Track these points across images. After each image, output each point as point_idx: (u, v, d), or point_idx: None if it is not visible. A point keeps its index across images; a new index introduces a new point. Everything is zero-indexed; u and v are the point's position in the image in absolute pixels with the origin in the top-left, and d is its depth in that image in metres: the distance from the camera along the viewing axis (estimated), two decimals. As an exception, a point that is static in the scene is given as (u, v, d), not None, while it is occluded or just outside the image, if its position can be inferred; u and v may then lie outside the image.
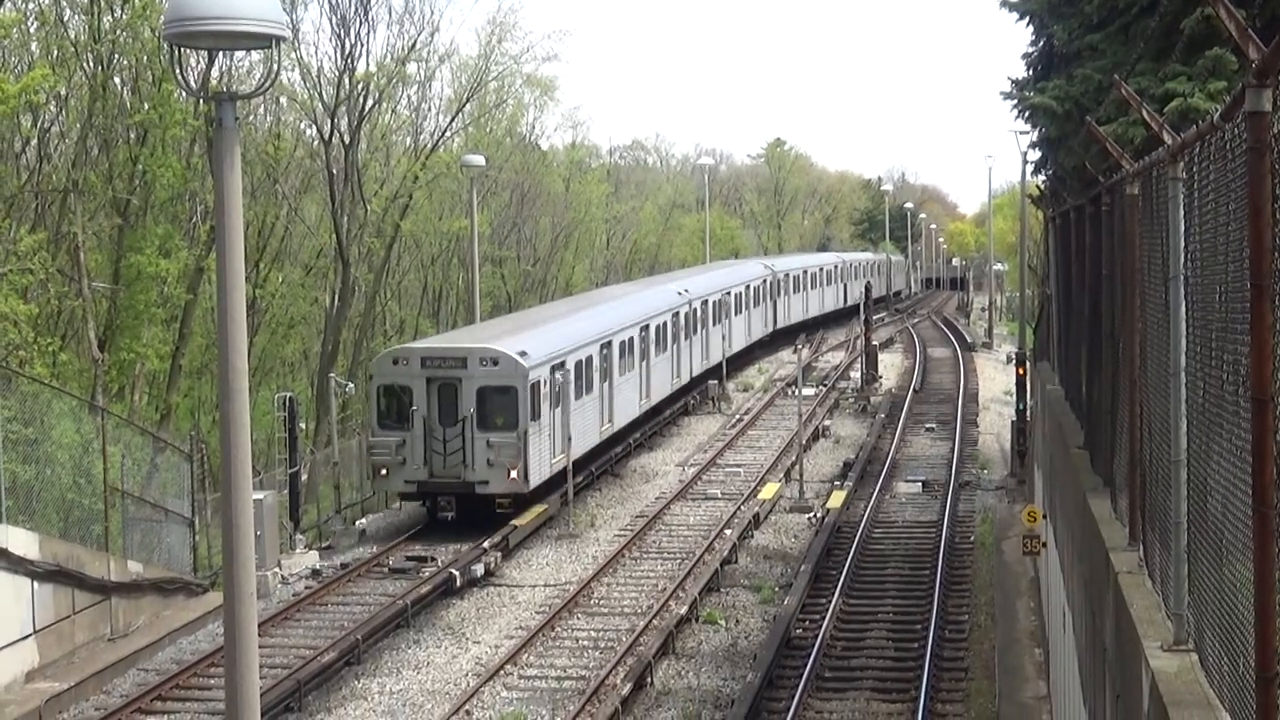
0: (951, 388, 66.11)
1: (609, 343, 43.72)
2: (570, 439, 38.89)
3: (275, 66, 11.20)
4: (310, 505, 38.80)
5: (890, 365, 74.36)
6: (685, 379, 55.17)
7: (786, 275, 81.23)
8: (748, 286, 69.98)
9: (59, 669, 25.99)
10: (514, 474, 35.69)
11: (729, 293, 64.69)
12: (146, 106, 45.05)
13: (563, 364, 38.75)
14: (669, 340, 52.09)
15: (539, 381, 36.63)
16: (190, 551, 32.66)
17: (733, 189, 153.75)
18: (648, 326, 48.79)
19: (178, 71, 11.29)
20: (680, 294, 55.71)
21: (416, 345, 40.11)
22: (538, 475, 36.80)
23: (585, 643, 28.71)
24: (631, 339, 46.57)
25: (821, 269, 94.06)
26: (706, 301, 59.05)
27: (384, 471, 36.42)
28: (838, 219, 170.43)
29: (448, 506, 36.30)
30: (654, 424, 51.53)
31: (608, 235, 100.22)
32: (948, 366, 75.40)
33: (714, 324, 60.36)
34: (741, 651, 28.06)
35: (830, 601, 30.50)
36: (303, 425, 40.22)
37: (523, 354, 36.37)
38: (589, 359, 41.50)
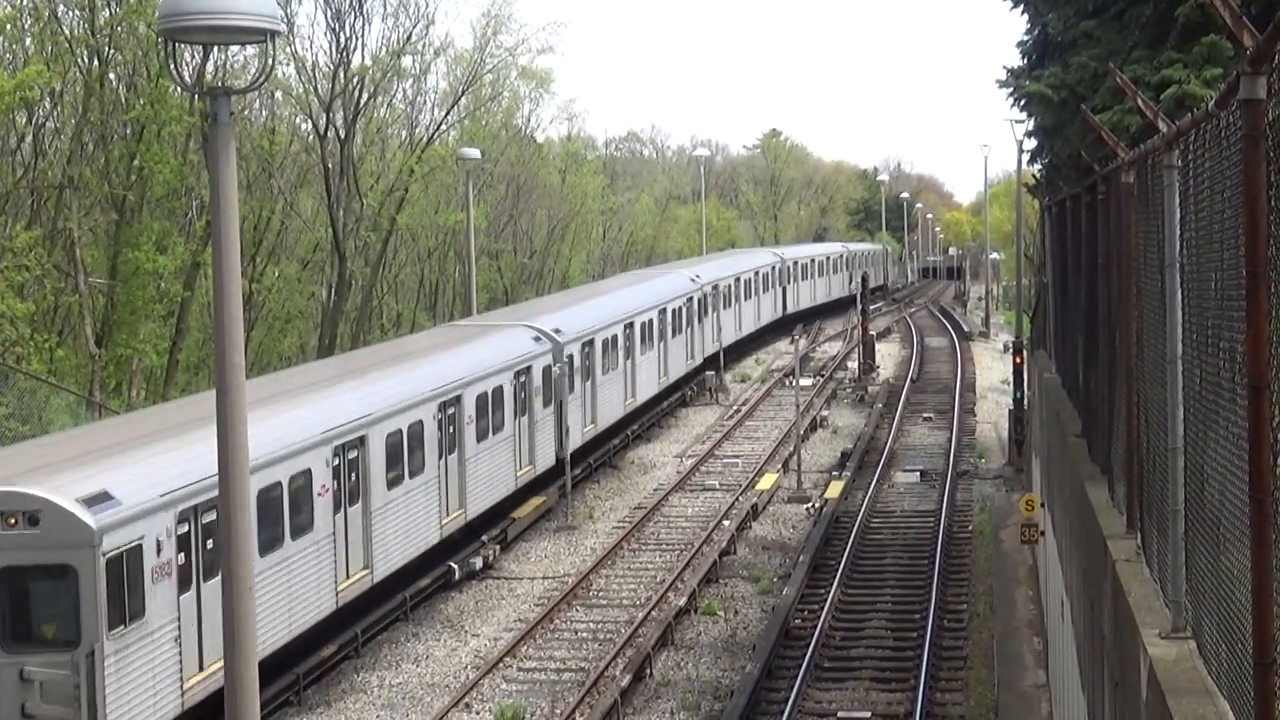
0: (949, 377, 66.13)
1: (360, 440, 27.08)
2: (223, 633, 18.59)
3: (270, 61, 11.19)
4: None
5: (887, 355, 74.36)
6: (545, 462, 38.19)
7: (715, 287, 62.53)
8: (663, 310, 52.26)
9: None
10: None
11: (630, 324, 47.48)
12: (142, 102, 45.02)
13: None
14: (506, 414, 35.20)
15: (139, 546, 20.09)
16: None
17: (729, 180, 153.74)
18: (457, 400, 31.92)
19: (173, 67, 11.31)
20: (540, 339, 38.64)
21: None
22: None
23: (584, 635, 28.73)
24: (418, 425, 29.78)
25: (757, 273, 74.05)
26: (592, 342, 42.71)
27: None
28: (834, 209, 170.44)
29: None
30: (649, 416, 51.41)
31: (604, 227, 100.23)
32: (945, 356, 75.42)
33: (604, 372, 43.80)
34: (740, 642, 28.09)
35: (829, 591, 30.53)
36: None
37: (98, 500, 19.64)
38: (304, 476, 24.78)
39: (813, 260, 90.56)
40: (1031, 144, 35.19)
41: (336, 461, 26.07)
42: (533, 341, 38.00)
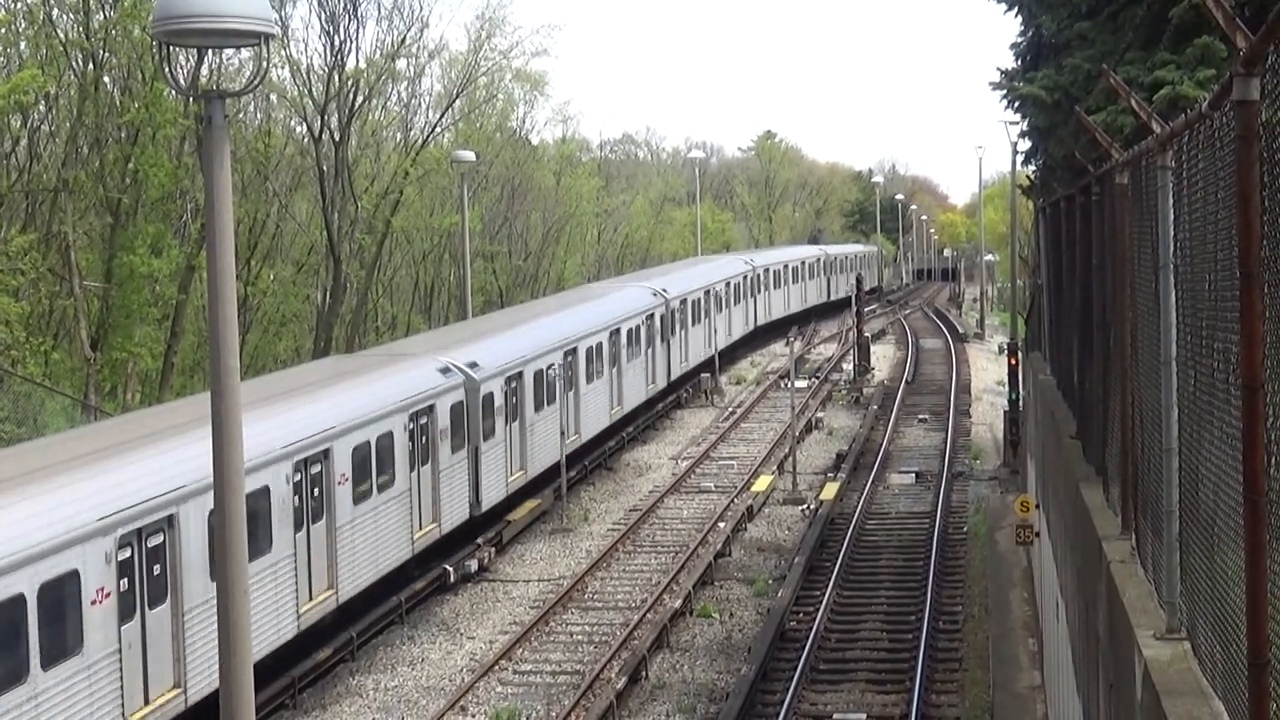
0: (944, 379, 66.15)
1: (168, 521, 21.19)
2: None
3: (264, 64, 11.18)
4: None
5: (882, 357, 74.39)
6: (455, 519, 32.38)
7: (683, 301, 56.53)
8: (616, 331, 46.24)
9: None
10: None
11: (572, 350, 41.32)
12: (137, 105, 45.00)
13: None
14: (398, 467, 29.22)
15: None
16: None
17: (723, 182, 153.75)
18: (324, 456, 26.07)
19: (167, 70, 11.29)
20: (449, 372, 32.50)
21: None
22: None
23: (579, 637, 28.73)
24: (262, 493, 23.60)
25: (728, 283, 66.98)
26: (519, 375, 36.47)
27: None
28: (829, 211, 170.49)
29: None
30: (646, 418, 51.36)
31: (599, 229, 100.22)
32: (940, 357, 75.45)
33: (536, 409, 37.56)
34: (736, 644, 28.09)
35: (824, 593, 30.53)
36: None
37: None
38: (65, 581, 19.10)
39: (786, 266, 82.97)
40: (1026, 145, 35.12)
41: (126, 554, 20.20)
42: (439, 375, 31.96)
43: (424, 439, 30.70)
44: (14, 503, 18.92)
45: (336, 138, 58.11)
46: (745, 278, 71.33)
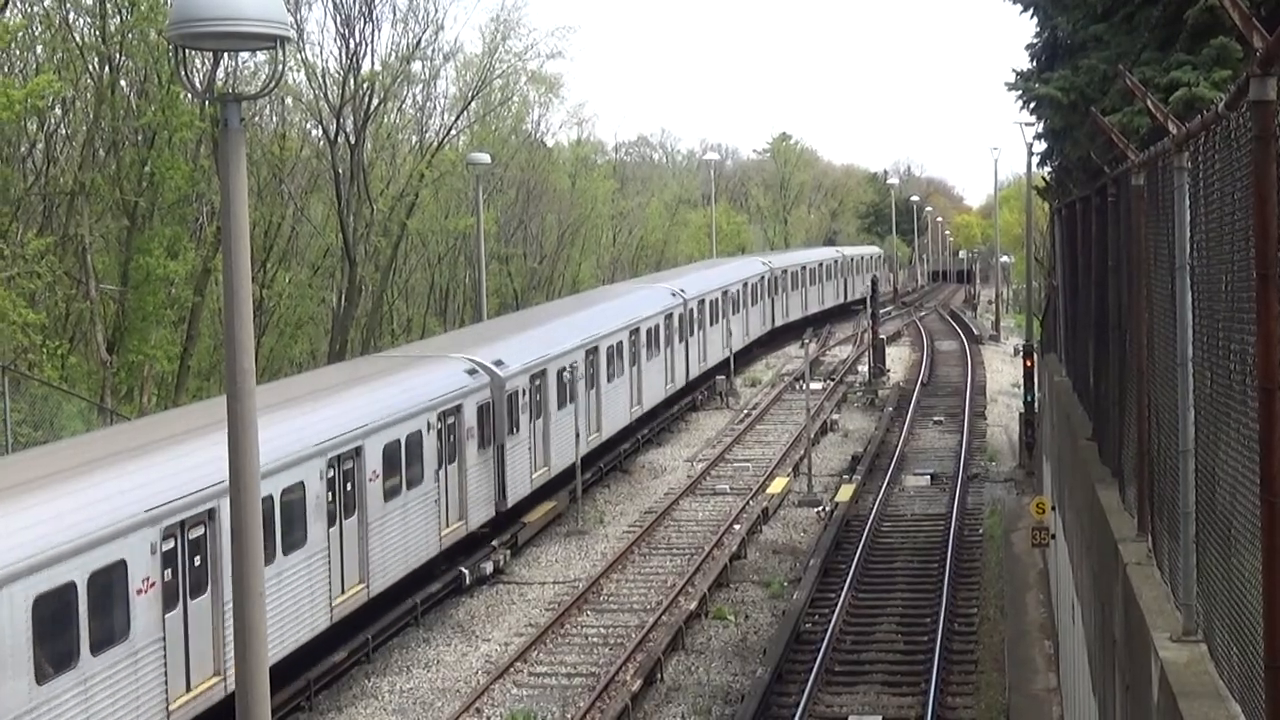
0: (959, 380, 66.05)
1: None
2: None
3: (280, 67, 11.20)
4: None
5: (897, 359, 74.32)
6: None
7: (539, 376, 36.27)
8: (333, 459, 25.52)
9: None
10: None
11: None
12: (153, 109, 45.08)
13: None
14: None
15: None
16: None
17: (739, 184, 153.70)
18: None
19: (183, 73, 11.31)
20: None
21: None
22: None
23: (595, 639, 28.73)
24: None
25: (637, 330, 46.64)
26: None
27: None
28: (844, 213, 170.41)
29: None
30: (660, 420, 51.32)
31: (614, 232, 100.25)
32: (955, 359, 75.35)
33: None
34: (751, 646, 28.08)
35: (839, 595, 30.50)
36: None
37: None
38: None
39: (725, 294, 61.50)
40: (1041, 146, 35.08)
41: None
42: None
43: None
44: None
45: (352, 141, 58.18)
46: (669, 316, 51.28)
